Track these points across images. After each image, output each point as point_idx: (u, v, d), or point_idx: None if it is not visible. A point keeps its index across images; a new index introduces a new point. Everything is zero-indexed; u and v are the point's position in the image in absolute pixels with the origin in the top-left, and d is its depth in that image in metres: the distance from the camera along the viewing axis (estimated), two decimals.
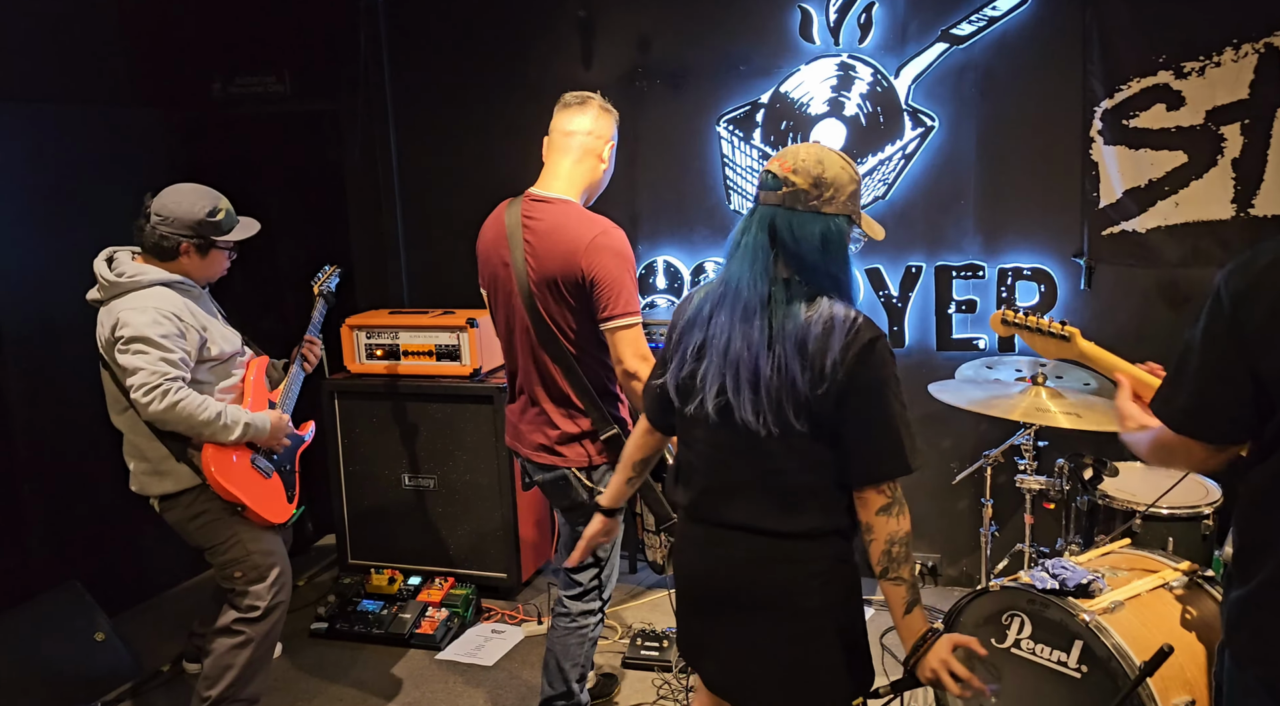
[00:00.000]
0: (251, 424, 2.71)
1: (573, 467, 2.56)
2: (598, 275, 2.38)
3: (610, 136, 2.59)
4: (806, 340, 1.75)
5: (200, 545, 2.77)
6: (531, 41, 4.15)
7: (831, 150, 1.80)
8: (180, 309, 2.63)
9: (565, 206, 2.50)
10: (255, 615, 2.77)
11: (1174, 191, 3.47)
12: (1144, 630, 2.25)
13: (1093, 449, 3.14)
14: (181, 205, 2.67)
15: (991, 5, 3.54)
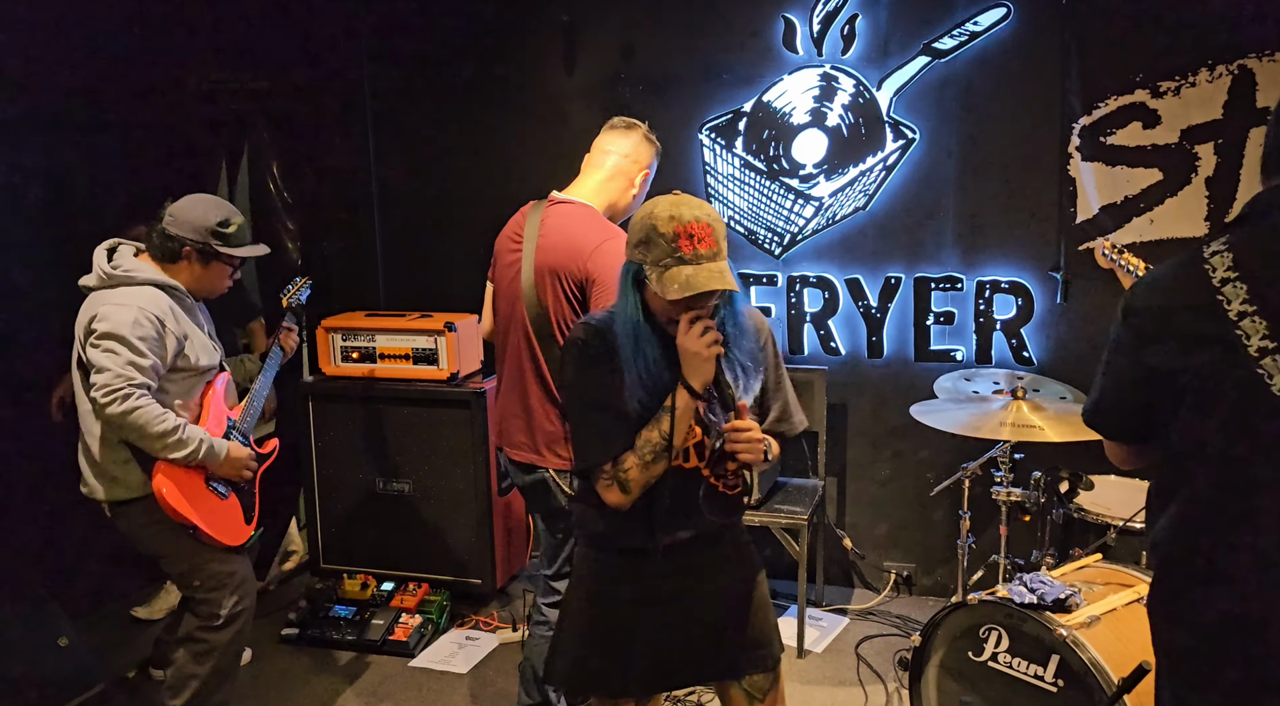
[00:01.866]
0: (208, 447, 2.59)
1: (551, 469, 2.55)
2: (599, 277, 2.39)
3: (646, 164, 2.62)
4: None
5: (153, 553, 2.69)
6: (513, 46, 4.13)
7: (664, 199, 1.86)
8: (165, 313, 2.57)
9: (584, 209, 2.54)
10: (216, 623, 2.69)
11: (1149, 208, 3.51)
12: (1120, 645, 2.28)
13: (1068, 462, 3.17)
14: (195, 211, 2.65)
15: (973, 20, 3.58)
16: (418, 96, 4.28)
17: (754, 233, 3.97)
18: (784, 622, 3.72)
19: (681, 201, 1.84)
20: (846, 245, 3.86)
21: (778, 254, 3.96)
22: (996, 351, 3.74)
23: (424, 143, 4.31)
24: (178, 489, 2.57)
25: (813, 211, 3.88)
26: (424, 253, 4.36)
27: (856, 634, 3.68)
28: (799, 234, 3.92)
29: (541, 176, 2.88)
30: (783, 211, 3.91)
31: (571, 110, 4.03)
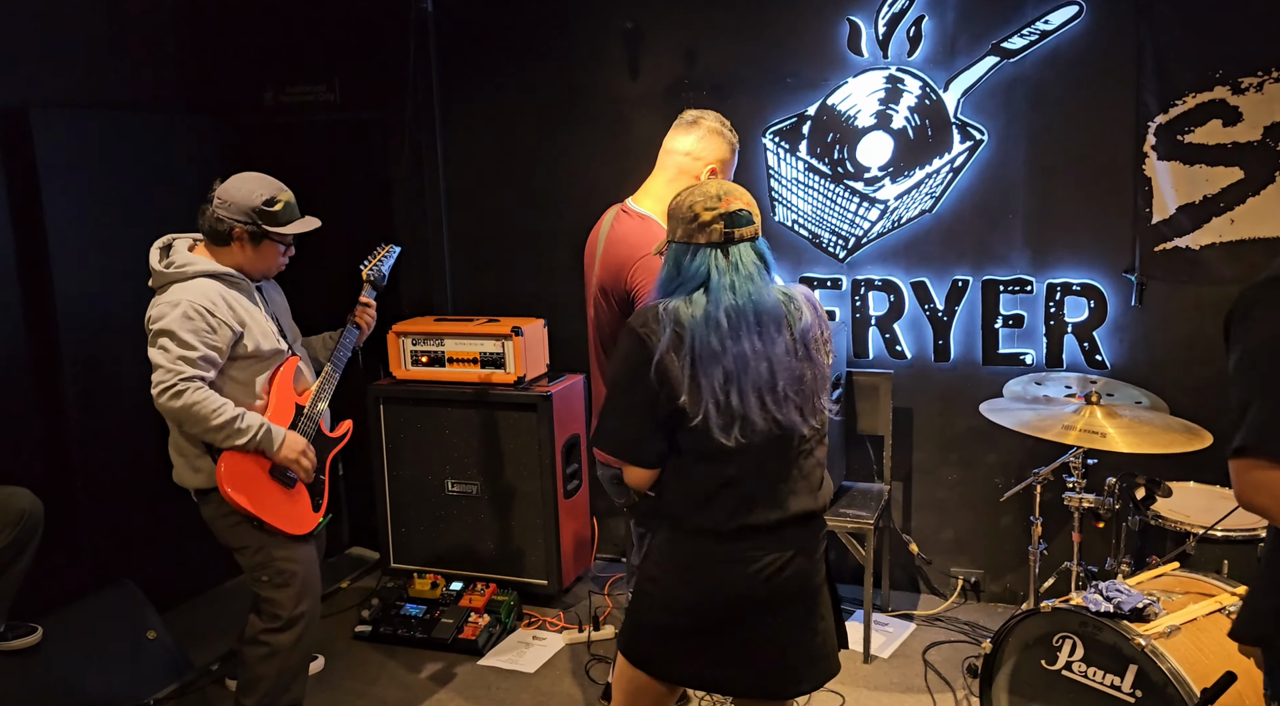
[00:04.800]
0: (265, 431, 2.64)
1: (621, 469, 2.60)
2: (639, 291, 2.45)
3: (713, 159, 2.58)
4: (809, 332, 2.00)
5: (229, 544, 2.75)
6: (579, 52, 4.18)
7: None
8: (217, 303, 2.60)
9: (642, 221, 2.57)
10: (278, 625, 2.74)
11: (1229, 208, 3.42)
12: (1201, 656, 2.23)
13: (1144, 467, 3.10)
14: (241, 190, 2.66)
15: (1044, 19, 3.52)
16: (484, 102, 4.35)
17: (818, 236, 3.96)
18: (850, 627, 3.69)
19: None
20: (912, 248, 3.83)
21: (842, 257, 3.94)
22: (1068, 355, 3.67)
23: (490, 148, 4.38)
24: (237, 479, 2.62)
25: (878, 214, 3.85)
26: (490, 257, 4.43)
27: (924, 640, 3.64)
28: (864, 237, 3.89)
29: (606, 182, 2.92)
30: (847, 215, 3.89)
31: (635, 116, 4.07)
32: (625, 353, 1.98)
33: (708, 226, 1.95)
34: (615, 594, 4.05)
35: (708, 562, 2.00)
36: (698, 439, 1.92)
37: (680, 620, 2.03)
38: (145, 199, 3.86)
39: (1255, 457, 1.47)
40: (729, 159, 2.63)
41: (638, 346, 1.94)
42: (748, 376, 1.91)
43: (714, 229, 1.95)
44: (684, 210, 1.98)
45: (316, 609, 2.85)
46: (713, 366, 1.90)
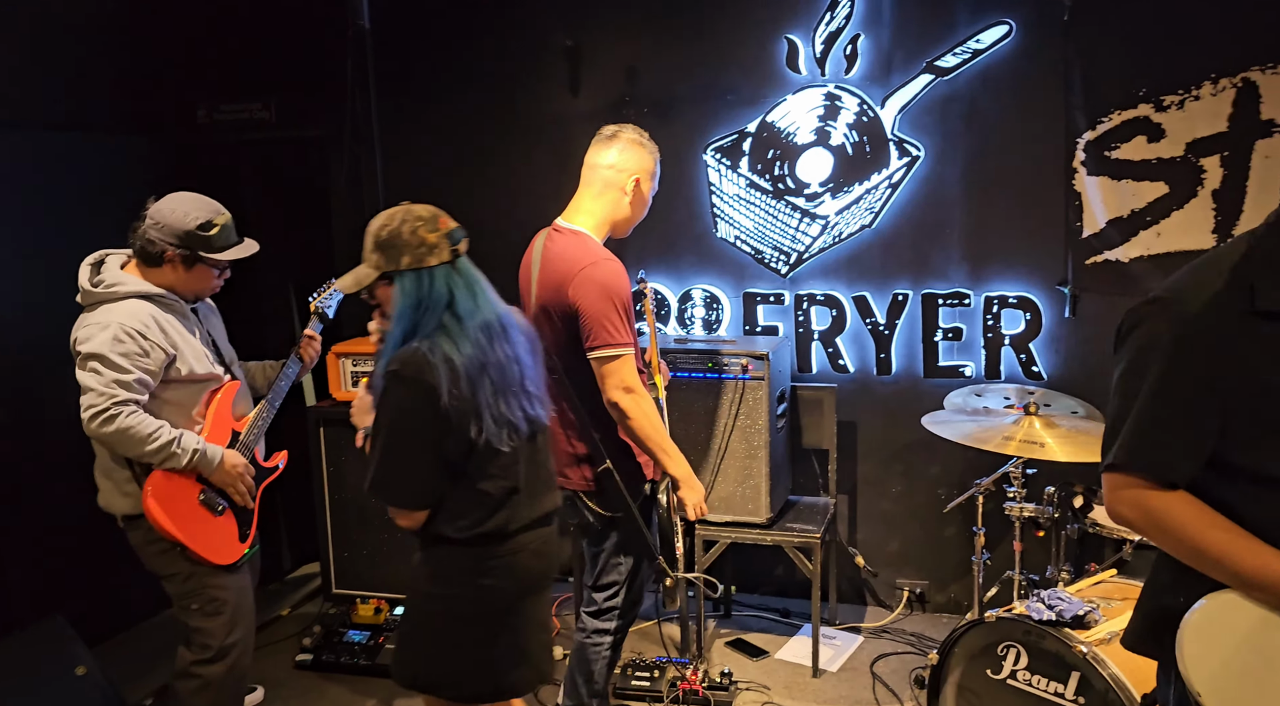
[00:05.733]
0: (201, 454, 2.56)
1: (578, 491, 2.59)
2: (582, 305, 2.46)
3: (635, 170, 2.63)
4: (528, 329, 2.24)
5: (157, 572, 2.66)
6: (519, 69, 4.17)
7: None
8: (149, 324, 2.51)
9: (575, 237, 2.59)
10: (209, 656, 2.64)
11: (1155, 221, 3.52)
12: (1139, 661, 2.25)
13: (1081, 476, 3.17)
14: (175, 212, 2.56)
15: (975, 38, 3.60)
16: (424, 120, 4.31)
17: (760, 252, 3.99)
18: (798, 642, 3.72)
19: (384, 213, 2.10)
20: (853, 263, 3.87)
21: (784, 273, 3.97)
22: (1006, 366, 3.74)
23: (430, 167, 4.34)
24: (165, 504, 2.53)
25: (819, 230, 3.89)
26: None
27: (871, 652, 3.67)
28: (805, 252, 3.93)
29: (549, 200, 2.91)
30: (789, 230, 3.93)
31: (577, 134, 4.00)
32: (402, 402, 1.98)
33: (436, 248, 2.05)
34: (562, 614, 4.01)
35: (502, 562, 2.12)
36: (483, 457, 2.04)
37: (487, 627, 2.14)
38: (76, 219, 3.74)
39: (1125, 474, 1.54)
40: (653, 168, 2.66)
41: (419, 393, 1.96)
42: (507, 382, 2.07)
43: (443, 248, 2.06)
44: (407, 237, 2.03)
45: (250, 638, 2.76)
46: (483, 381, 2.02)
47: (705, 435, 3.55)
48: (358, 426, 2.23)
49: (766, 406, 3.47)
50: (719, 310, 4.06)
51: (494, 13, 4.15)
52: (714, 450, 3.54)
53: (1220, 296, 1.47)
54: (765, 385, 3.46)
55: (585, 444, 2.56)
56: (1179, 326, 1.48)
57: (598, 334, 2.45)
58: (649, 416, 2.48)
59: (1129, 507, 1.55)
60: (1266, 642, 1.46)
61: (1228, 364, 1.46)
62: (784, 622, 3.93)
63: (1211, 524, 1.48)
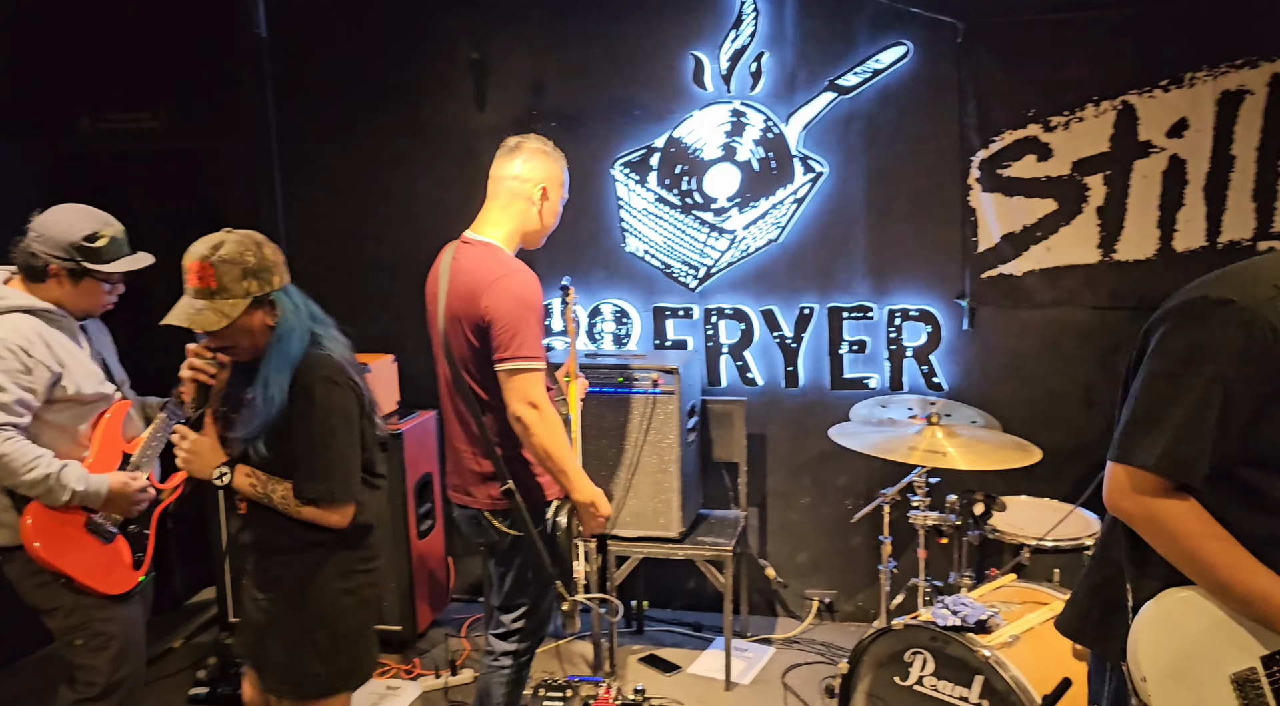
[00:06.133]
0: (85, 491, 2.41)
1: (482, 510, 2.54)
2: (494, 316, 2.42)
3: (541, 179, 2.60)
4: None
5: (37, 607, 2.49)
6: (424, 83, 4.10)
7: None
8: (33, 341, 2.38)
9: (486, 249, 2.55)
10: (94, 693, 2.48)
11: (1045, 237, 3.67)
12: (1039, 662, 2.33)
13: (982, 484, 3.25)
14: (60, 224, 2.43)
15: (875, 58, 3.70)
16: (326, 132, 4.20)
17: (669, 266, 4.00)
18: (711, 655, 3.72)
19: (207, 239, 2.05)
20: (761, 277, 3.92)
21: (693, 287, 4.00)
22: (909, 378, 3.83)
23: (332, 180, 4.22)
24: (47, 533, 2.38)
25: (727, 244, 3.93)
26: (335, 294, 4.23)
27: (782, 663, 3.69)
28: (714, 267, 3.96)
29: (456, 214, 2.86)
30: (697, 245, 3.95)
31: (484, 148, 3.95)
32: (342, 404, 2.10)
33: (283, 265, 2.14)
34: (474, 636, 3.92)
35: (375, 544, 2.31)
36: (372, 448, 2.22)
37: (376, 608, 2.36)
38: None
39: (1149, 472, 1.50)
40: (560, 176, 2.64)
41: (351, 394, 2.12)
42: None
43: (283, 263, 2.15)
44: (271, 258, 2.10)
45: (139, 673, 2.62)
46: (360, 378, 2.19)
47: (616, 450, 3.53)
48: (199, 472, 2.14)
49: (677, 420, 3.47)
50: (628, 324, 4.05)
51: (398, 24, 4.08)
52: (625, 465, 3.52)
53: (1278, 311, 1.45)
54: (676, 399, 3.46)
55: (490, 461, 2.51)
56: (1246, 334, 1.45)
57: (508, 345, 2.41)
58: (552, 434, 2.44)
59: (1132, 501, 1.53)
60: (1215, 643, 1.50)
61: (1272, 383, 1.45)
62: (696, 637, 3.92)
63: (1209, 531, 1.49)
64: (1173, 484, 1.50)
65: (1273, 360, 1.44)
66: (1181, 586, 1.52)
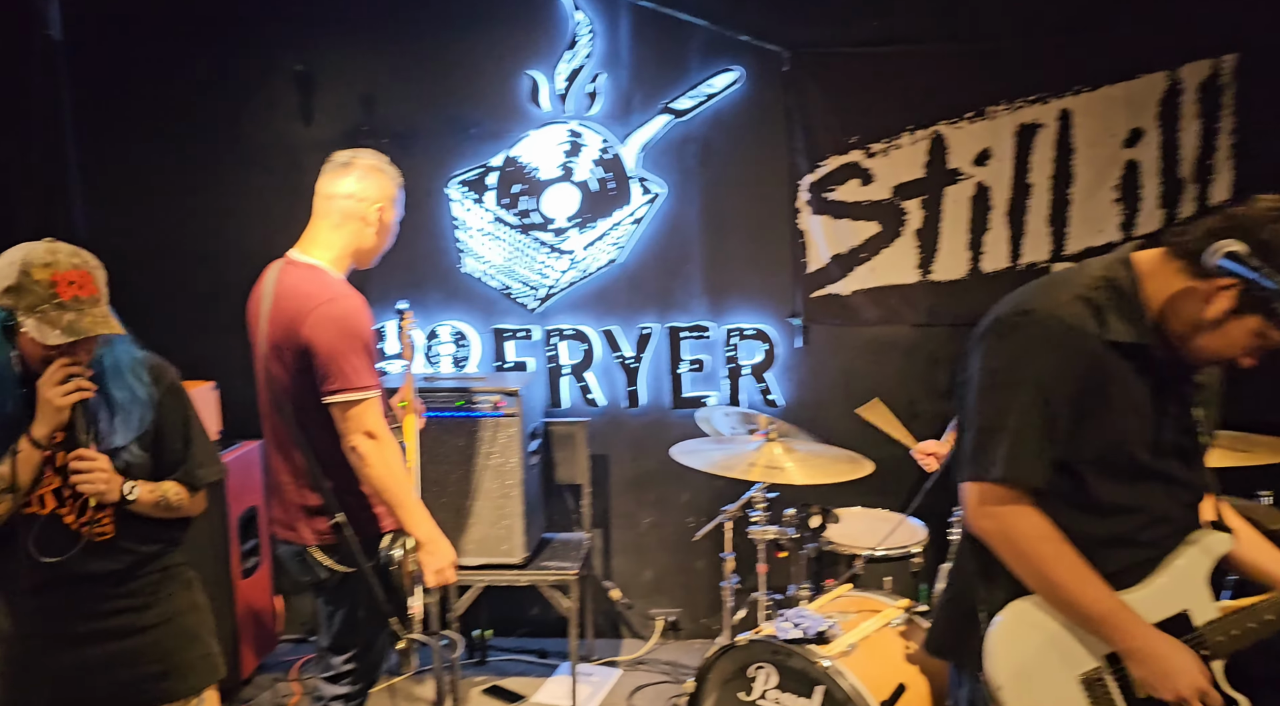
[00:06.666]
0: None
1: (308, 546, 2.38)
2: (317, 346, 2.29)
3: (379, 197, 2.47)
4: None
5: None
6: (244, 93, 3.88)
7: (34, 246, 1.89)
8: None
9: (310, 272, 2.41)
10: None
11: (870, 258, 3.85)
12: (875, 669, 2.42)
13: (817, 497, 3.36)
14: None
15: (708, 83, 3.78)
16: (135, 144, 3.89)
17: (509, 287, 3.94)
18: (556, 682, 3.66)
19: (58, 249, 1.90)
20: (601, 297, 3.92)
21: (533, 307, 3.95)
22: (746, 395, 3.92)
23: (145, 195, 3.92)
24: None
25: (566, 264, 3.91)
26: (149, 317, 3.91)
27: (629, 685, 3.67)
28: (554, 287, 3.93)
29: (283, 233, 2.70)
30: (536, 265, 3.91)
31: (311, 162, 3.73)
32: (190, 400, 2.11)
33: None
34: (305, 677, 3.70)
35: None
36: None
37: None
38: None
39: (1002, 486, 1.56)
40: (395, 194, 2.53)
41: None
42: None
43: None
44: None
45: None
46: None
47: (456, 475, 3.42)
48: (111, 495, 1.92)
49: (519, 443, 3.40)
50: (467, 346, 3.96)
51: (214, 31, 3.84)
52: (466, 491, 3.42)
53: (1082, 318, 1.54)
54: (517, 422, 3.40)
55: (317, 494, 2.37)
56: (1051, 338, 1.53)
57: (336, 376, 2.28)
58: (391, 466, 2.33)
59: (989, 519, 1.58)
60: (1063, 646, 1.57)
61: (1085, 382, 1.53)
62: (541, 663, 3.85)
63: (1056, 547, 1.54)
64: (1021, 493, 1.56)
65: (1079, 357, 1.54)
66: (1029, 595, 1.59)
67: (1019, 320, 1.57)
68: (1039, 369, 1.54)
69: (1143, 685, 1.54)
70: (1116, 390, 1.55)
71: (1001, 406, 1.56)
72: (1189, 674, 1.51)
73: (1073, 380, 1.54)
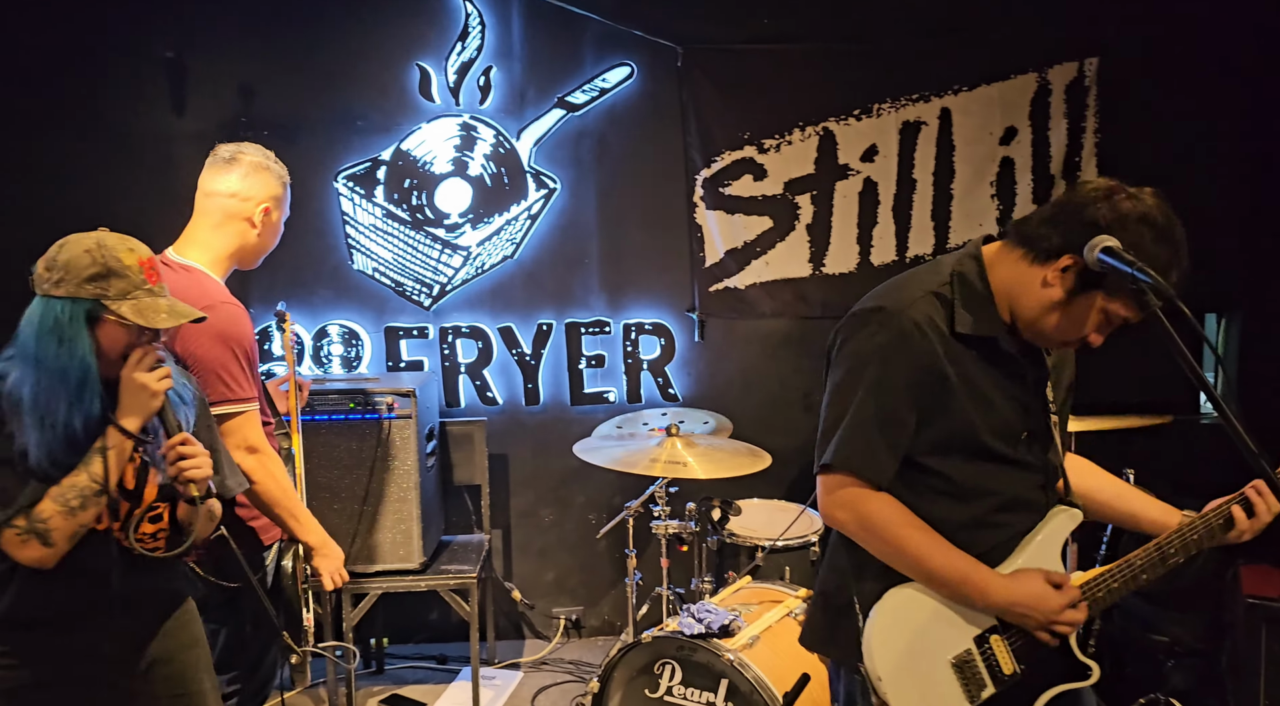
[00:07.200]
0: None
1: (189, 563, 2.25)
2: (193, 356, 2.15)
3: (265, 197, 2.33)
4: None
5: None
6: (108, 81, 3.65)
7: (93, 235, 1.74)
8: None
9: (188, 275, 2.24)
10: None
11: (764, 252, 3.90)
12: (778, 660, 2.44)
13: (718, 490, 3.38)
14: None
15: (601, 77, 3.76)
16: None
17: (401, 284, 3.83)
18: (458, 687, 3.59)
19: (122, 236, 1.79)
20: (498, 294, 3.85)
21: (428, 305, 3.85)
22: (645, 390, 3.92)
23: None
24: None
25: (461, 261, 3.83)
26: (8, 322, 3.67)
27: (532, 687, 3.63)
28: (449, 284, 3.84)
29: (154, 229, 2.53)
30: (430, 262, 3.82)
31: (186, 157, 3.59)
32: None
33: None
34: None
35: None
36: None
37: None
38: None
39: (841, 475, 1.61)
40: (282, 194, 2.40)
41: None
42: None
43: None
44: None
45: None
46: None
47: (349, 481, 3.30)
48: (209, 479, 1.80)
49: (415, 445, 3.31)
50: (359, 346, 3.83)
51: (75, 14, 3.60)
52: (360, 496, 3.30)
53: (930, 313, 1.59)
54: (413, 423, 3.30)
55: None
56: (897, 335, 1.57)
57: (214, 388, 2.15)
58: (276, 479, 2.22)
59: (842, 509, 1.62)
60: (934, 633, 1.62)
61: (930, 375, 1.58)
62: (442, 670, 3.77)
63: (909, 524, 1.60)
64: (868, 484, 1.61)
65: (921, 355, 1.59)
66: (900, 586, 1.64)
67: (868, 317, 1.63)
68: (881, 366, 1.60)
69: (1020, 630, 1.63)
70: (963, 382, 1.61)
71: (845, 401, 1.62)
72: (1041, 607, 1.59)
73: (915, 377, 1.59)
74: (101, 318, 1.70)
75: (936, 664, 1.62)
